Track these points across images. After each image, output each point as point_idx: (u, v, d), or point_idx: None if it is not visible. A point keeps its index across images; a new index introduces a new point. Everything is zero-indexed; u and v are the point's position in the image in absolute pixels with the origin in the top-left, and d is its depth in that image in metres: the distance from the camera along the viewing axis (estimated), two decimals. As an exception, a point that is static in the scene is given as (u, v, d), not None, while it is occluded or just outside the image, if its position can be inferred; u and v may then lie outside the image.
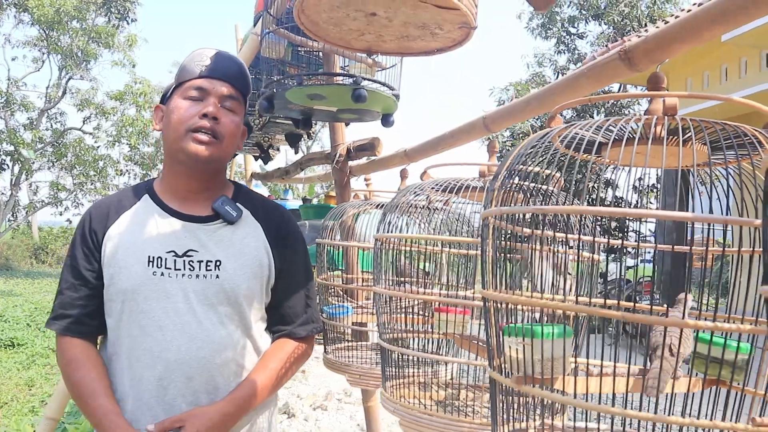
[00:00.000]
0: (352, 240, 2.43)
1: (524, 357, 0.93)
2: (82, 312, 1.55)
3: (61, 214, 22.43)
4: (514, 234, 1.11)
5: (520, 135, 13.23)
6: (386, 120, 2.43)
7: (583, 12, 17.64)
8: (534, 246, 1.13)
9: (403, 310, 2.62)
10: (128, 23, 18.91)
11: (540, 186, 1.24)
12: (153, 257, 1.52)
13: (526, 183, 1.16)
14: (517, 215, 1.05)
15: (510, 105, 1.47)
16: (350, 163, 2.84)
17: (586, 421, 1.04)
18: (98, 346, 1.61)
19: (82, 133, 22.10)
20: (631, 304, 1.11)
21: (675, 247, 1.21)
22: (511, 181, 1.11)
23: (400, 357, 1.68)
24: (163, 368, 1.48)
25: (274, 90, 2.19)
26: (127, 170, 22.43)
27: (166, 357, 1.49)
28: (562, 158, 1.18)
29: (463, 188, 1.61)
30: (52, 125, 21.74)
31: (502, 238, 1.09)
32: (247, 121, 1.69)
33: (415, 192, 1.55)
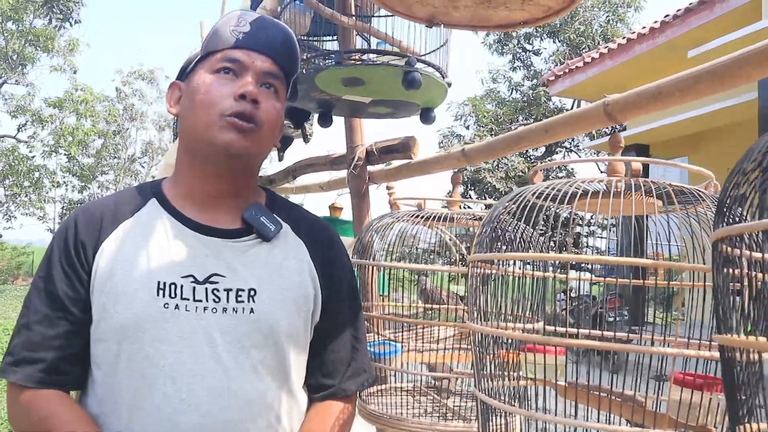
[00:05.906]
0: (369, 258, 2.02)
1: None
2: (60, 355, 1.10)
3: (-10, 228, 21.18)
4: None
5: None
6: (426, 115, 2.03)
7: (539, 29, 17.83)
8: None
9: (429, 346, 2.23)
10: (71, 25, 17.95)
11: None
12: (164, 284, 1.10)
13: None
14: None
15: (656, 85, 1.08)
16: (369, 168, 2.41)
17: None
18: None
19: (16, 141, 21.10)
20: None
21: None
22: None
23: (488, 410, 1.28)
24: None
25: (303, 71, 1.75)
26: (64, 182, 21.59)
27: (181, 420, 1.07)
28: None
29: (579, 195, 1.22)
30: (-18, 132, 20.53)
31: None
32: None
33: (526, 198, 1.15)
